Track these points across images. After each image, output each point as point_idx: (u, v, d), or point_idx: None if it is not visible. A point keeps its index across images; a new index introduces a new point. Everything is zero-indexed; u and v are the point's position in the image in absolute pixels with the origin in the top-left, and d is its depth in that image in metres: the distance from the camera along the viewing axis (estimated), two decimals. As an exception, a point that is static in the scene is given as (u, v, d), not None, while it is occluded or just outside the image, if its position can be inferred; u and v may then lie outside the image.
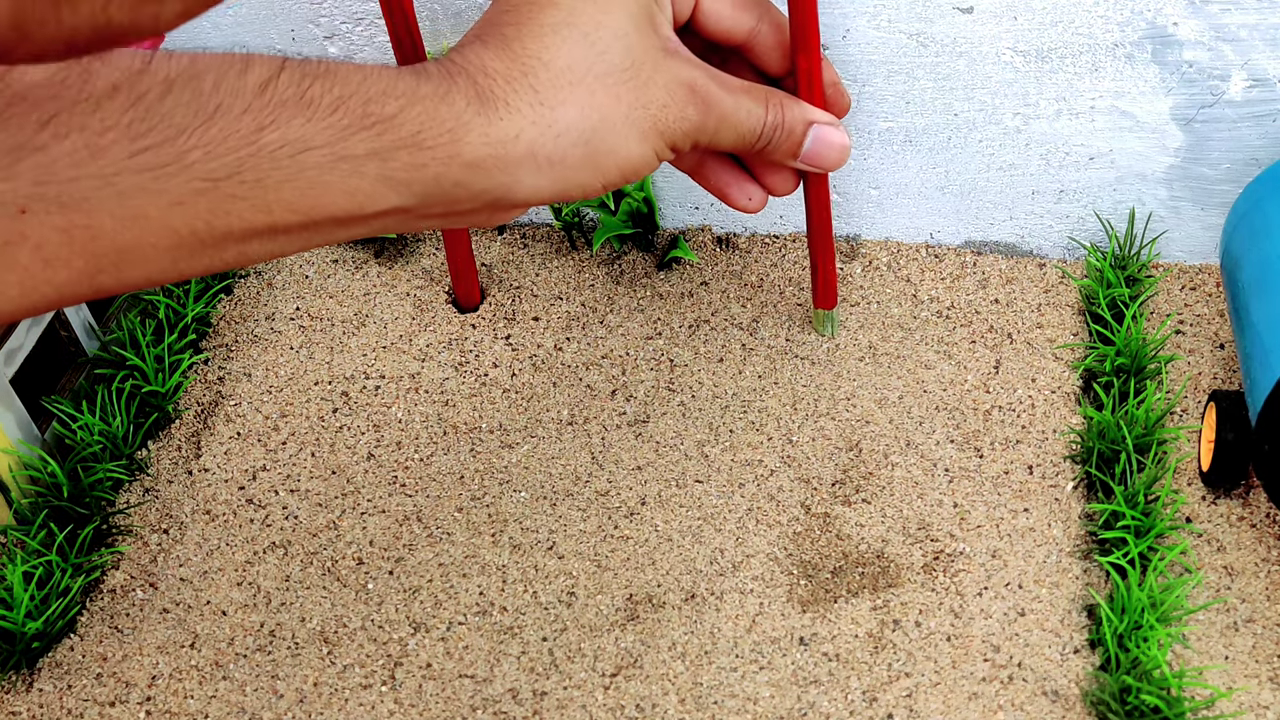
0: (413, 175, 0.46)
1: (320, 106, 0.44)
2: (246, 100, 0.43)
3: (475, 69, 0.47)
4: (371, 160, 0.45)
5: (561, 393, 0.68)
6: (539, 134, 0.47)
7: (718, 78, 0.52)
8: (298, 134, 0.43)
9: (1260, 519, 0.61)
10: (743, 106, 0.53)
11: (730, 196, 0.59)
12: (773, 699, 0.56)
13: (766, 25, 0.56)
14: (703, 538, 0.62)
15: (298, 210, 0.44)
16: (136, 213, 0.42)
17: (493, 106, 0.47)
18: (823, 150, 0.56)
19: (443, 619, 0.60)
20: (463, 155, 0.46)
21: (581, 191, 0.50)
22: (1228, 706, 0.55)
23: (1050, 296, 0.71)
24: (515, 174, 0.47)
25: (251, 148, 0.43)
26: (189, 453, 0.68)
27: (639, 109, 0.49)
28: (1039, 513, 0.62)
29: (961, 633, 0.58)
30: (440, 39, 0.72)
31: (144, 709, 0.58)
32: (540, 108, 0.47)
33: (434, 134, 0.45)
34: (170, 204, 0.42)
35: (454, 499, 0.65)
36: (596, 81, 0.48)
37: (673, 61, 0.51)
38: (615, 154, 0.49)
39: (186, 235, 0.43)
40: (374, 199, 0.45)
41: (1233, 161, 0.68)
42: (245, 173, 0.43)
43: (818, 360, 0.69)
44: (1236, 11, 0.62)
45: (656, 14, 0.51)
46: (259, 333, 0.73)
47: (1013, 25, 0.65)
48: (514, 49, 0.48)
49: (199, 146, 0.42)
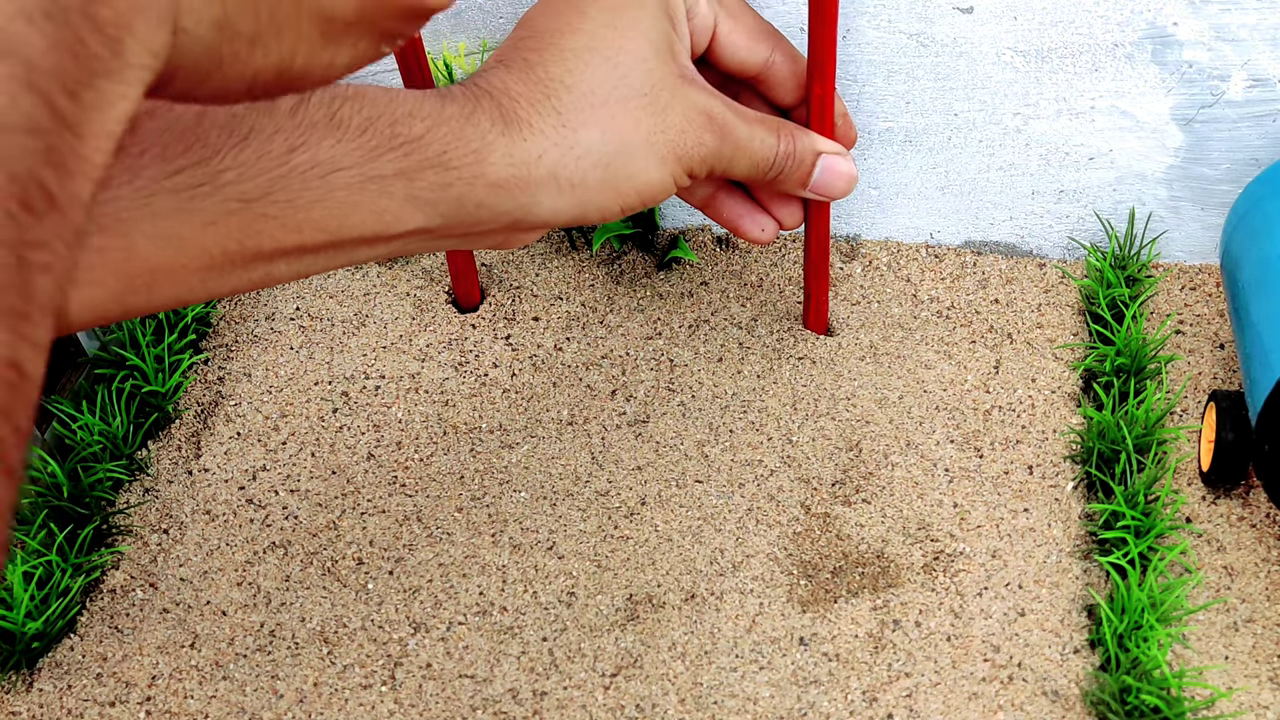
0: (438, 195, 0.46)
1: (350, 128, 0.45)
2: (278, 122, 0.44)
3: (499, 91, 0.48)
4: (399, 180, 0.45)
5: (561, 393, 0.68)
6: (561, 155, 0.48)
7: (733, 107, 0.53)
8: (328, 155, 0.44)
9: (1260, 519, 0.61)
10: (757, 135, 0.54)
11: (743, 228, 0.60)
12: (773, 699, 0.56)
13: (780, 58, 0.57)
14: (703, 538, 0.62)
15: (326, 230, 0.45)
16: (170, 233, 0.42)
17: (516, 128, 0.47)
18: (831, 180, 0.58)
19: (443, 619, 0.60)
20: (487, 175, 0.47)
21: (600, 214, 0.51)
22: (1228, 706, 0.55)
23: (1050, 296, 0.71)
24: (536, 195, 0.48)
25: (283, 168, 0.44)
26: (189, 453, 0.68)
27: (658, 134, 0.50)
28: (1039, 513, 0.62)
29: (961, 633, 0.58)
30: (440, 38, 0.72)
31: (144, 709, 0.58)
32: (563, 129, 0.48)
33: (459, 154, 0.46)
34: (203, 224, 0.43)
35: (454, 499, 0.65)
36: (618, 105, 0.49)
37: (691, 89, 0.52)
38: (634, 178, 0.50)
39: (218, 255, 0.44)
40: (400, 219, 0.46)
41: (1233, 161, 0.68)
42: (277, 193, 0.44)
43: (818, 360, 0.69)
44: (1236, 11, 0.62)
45: (676, 43, 0.52)
46: (259, 333, 0.73)
47: (1013, 25, 0.65)
48: (537, 73, 0.49)
49: (232, 168, 0.43)
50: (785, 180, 0.57)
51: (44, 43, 0.23)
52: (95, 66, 0.25)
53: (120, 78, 0.25)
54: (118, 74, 0.25)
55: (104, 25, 0.25)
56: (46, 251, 0.24)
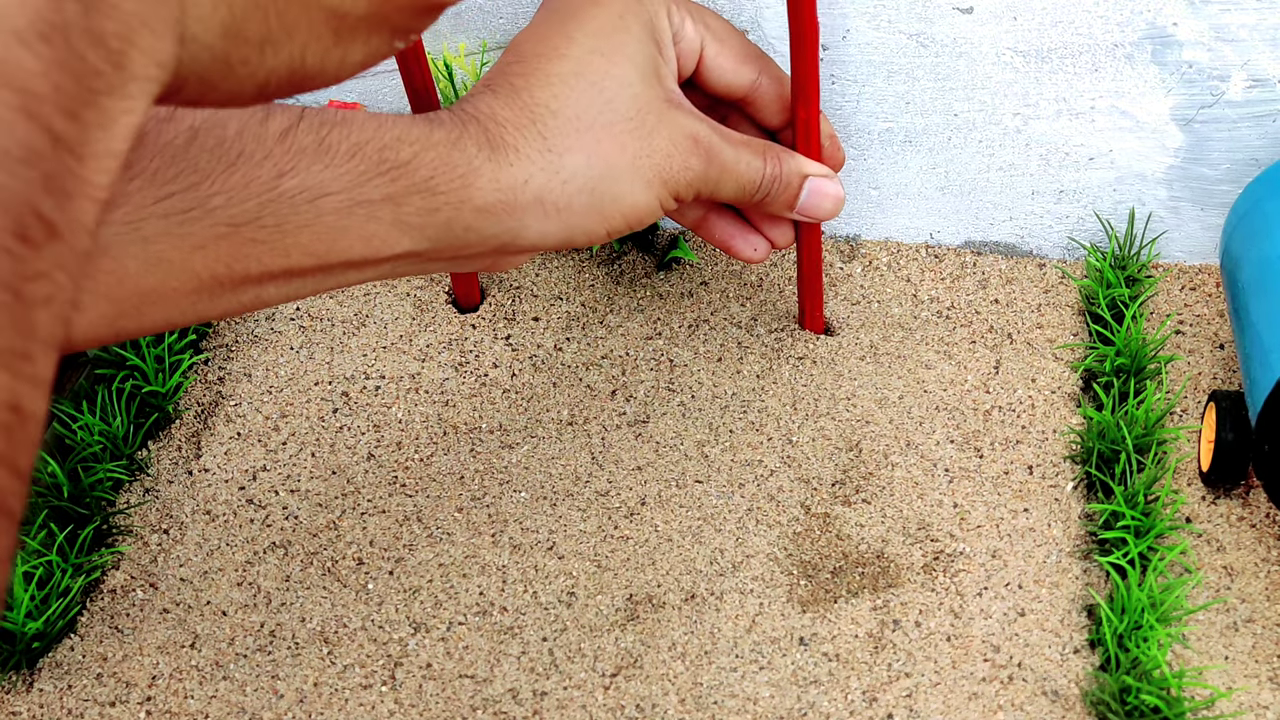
0: (425, 219, 0.47)
1: (338, 153, 0.45)
2: (268, 147, 0.44)
3: (486, 117, 0.49)
4: (386, 205, 0.46)
5: (561, 393, 0.68)
6: (547, 180, 0.48)
7: (719, 130, 0.54)
8: (316, 180, 0.44)
9: (1260, 519, 0.61)
10: (743, 159, 0.55)
11: (735, 248, 0.61)
12: (773, 699, 0.56)
13: (767, 80, 0.58)
14: (703, 538, 0.62)
15: (314, 254, 0.45)
16: (160, 257, 0.43)
17: (503, 153, 0.48)
18: (818, 201, 0.59)
19: (443, 619, 0.60)
20: (473, 200, 0.47)
21: (586, 237, 0.51)
22: (1228, 706, 0.55)
23: (1050, 296, 0.71)
24: (523, 219, 0.49)
25: (272, 193, 0.44)
26: (189, 453, 0.68)
27: (644, 158, 0.51)
28: (1039, 513, 0.62)
29: (961, 633, 0.58)
30: (440, 38, 0.72)
31: (144, 709, 0.58)
32: (549, 154, 0.49)
33: (446, 179, 0.47)
34: (193, 248, 0.43)
35: (454, 499, 0.65)
36: (603, 130, 0.50)
37: (677, 113, 0.52)
38: (620, 201, 0.51)
39: (207, 279, 0.44)
40: (388, 243, 0.47)
41: (1233, 161, 0.68)
42: (265, 217, 0.44)
43: (818, 360, 0.69)
44: (1236, 11, 0.62)
45: (662, 67, 0.53)
46: (259, 333, 0.73)
47: (1013, 25, 0.65)
48: (523, 98, 0.49)
49: (221, 192, 0.43)
50: (772, 202, 0.57)
51: (39, 65, 0.22)
52: (97, 84, 0.24)
53: (124, 93, 0.24)
54: (121, 89, 0.24)
55: (106, 39, 0.24)
56: (47, 283, 0.23)
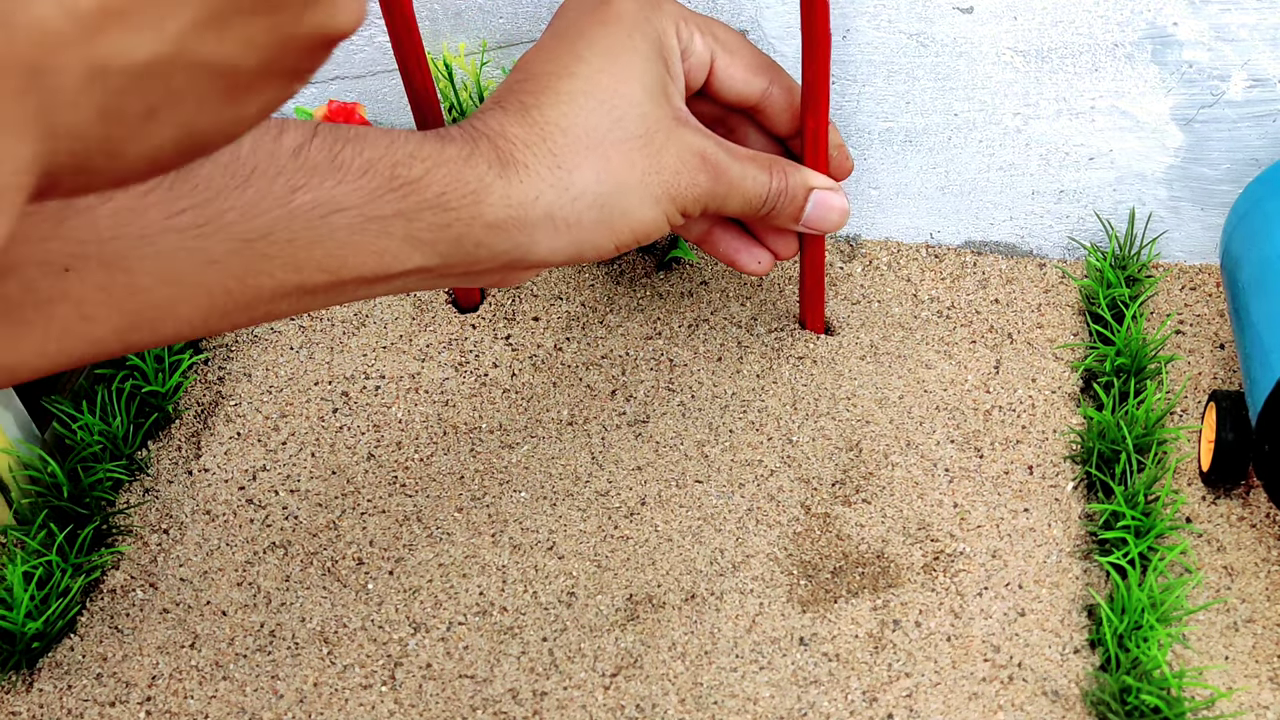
0: (437, 235, 0.47)
1: (351, 169, 0.45)
2: (281, 163, 0.44)
3: (496, 134, 0.49)
4: (398, 220, 0.46)
5: (561, 393, 0.68)
6: (557, 196, 0.49)
7: (726, 146, 0.54)
8: (329, 196, 0.45)
9: (1260, 519, 0.61)
10: (749, 174, 0.55)
11: (739, 262, 0.62)
12: (773, 699, 0.56)
13: (777, 89, 0.58)
14: (703, 538, 0.62)
15: (327, 270, 0.46)
16: (173, 271, 0.43)
17: (513, 170, 0.48)
18: (824, 214, 0.59)
19: (443, 619, 0.60)
20: (484, 216, 0.48)
21: (595, 253, 0.52)
22: (1228, 706, 0.55)
23: (1050, 296, 0.71)
24: (533, 235, 0.49)
25: (285, 209, 0.44)
26: (189, 453, 0.68)
27: (652, 174, 0.51)
28: (1039, 513, 0.62)
29: (961, 633, 0.58)
30: (440, 39, 0.72)
31: (144, 709, 0.58)
32: (558, 171, 0.49)
33: (457, 195, 0.47)
34: (206, 263, 0.43)
35: (454, 499, 0.65)
36: (612, 148, 0.50)
37: (684, 130, 0.53)
38: (629, 217, 0.51)
39: (219, 294, 0.44)
40: (400, 259, 0.47)
41: (1233, 161, 0.68)
42: (278, 233, 0.44)
43: (818, 360, 0.69)
44: (1236, 11, 0.62)
45: (669, 85, 0.53)
46: (259, 333, 0.73)
47: (1013, 25, 0.65)
48: (533, 115, 0.50)
49: (235, 208, 0.43)
50: (778, 216, 0.58)
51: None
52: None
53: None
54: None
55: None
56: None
